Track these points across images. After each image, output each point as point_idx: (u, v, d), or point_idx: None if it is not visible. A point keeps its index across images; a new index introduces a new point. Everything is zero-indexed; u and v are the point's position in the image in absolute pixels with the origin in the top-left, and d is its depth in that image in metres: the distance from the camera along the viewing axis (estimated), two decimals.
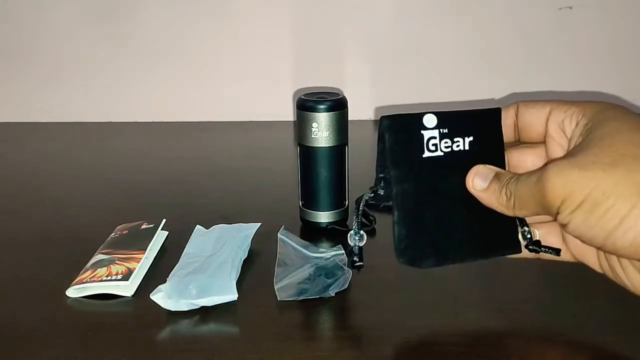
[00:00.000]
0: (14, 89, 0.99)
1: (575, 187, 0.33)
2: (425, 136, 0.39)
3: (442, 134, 0.39)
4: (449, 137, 0.39)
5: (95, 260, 0.50)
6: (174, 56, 0.97)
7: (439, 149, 0.39)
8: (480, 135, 0.40)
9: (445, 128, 0.39)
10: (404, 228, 0.39)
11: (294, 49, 0.96)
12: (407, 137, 0.39)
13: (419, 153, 0.39)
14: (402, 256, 0.39)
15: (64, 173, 0.79)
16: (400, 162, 0.39)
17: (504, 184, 0.38)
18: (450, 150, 0.39)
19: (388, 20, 0.95)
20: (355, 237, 0.42)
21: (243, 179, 0.74)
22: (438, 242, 0.40)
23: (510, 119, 0.41)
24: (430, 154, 0.39)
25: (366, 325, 0.44)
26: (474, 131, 0.40)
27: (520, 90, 0.96)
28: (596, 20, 0.94)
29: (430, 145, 0.39)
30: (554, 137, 0.39)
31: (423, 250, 0.40)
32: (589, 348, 0.41)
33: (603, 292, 0.43)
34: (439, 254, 0.40)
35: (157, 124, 0.98)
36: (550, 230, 0.41)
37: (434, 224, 0.40)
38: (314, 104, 0.55)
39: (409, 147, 0.39)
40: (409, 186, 0.39)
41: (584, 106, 0.37)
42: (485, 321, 0.43)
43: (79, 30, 0.96)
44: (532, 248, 0.40)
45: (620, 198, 0.32)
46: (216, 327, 0.43)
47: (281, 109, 0.97)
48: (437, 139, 0.39)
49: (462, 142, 0.40)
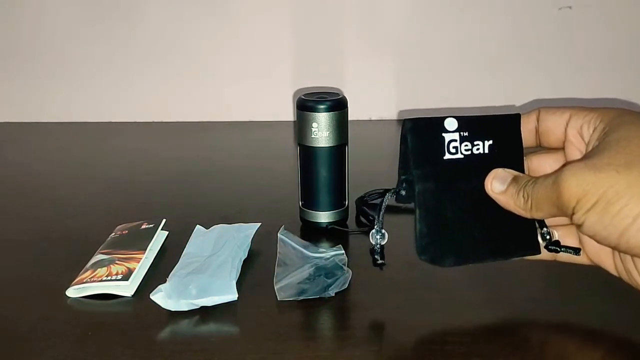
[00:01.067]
0: (14, 89, 0.99)
1: (590, 188, 0.34)
2: (447, 139, 0.40)
3: (463, 137, 0.40)
4: (469, 140, 0.40)
5: (95, 260, 0.50)
6: (174, 56, 0.97)
7: (459, 152, 0.40)
8: (499, 140, 0.41)
9: (465, 131, 0.40)
10: (425, 226, 0.40)
11: (294, 49, 0.96)
12: (429, 139, 0.40)
13: (441, 155, 0.40)
14: (423, 254, 0.40)
15: (64, 173, 0.79)
16: (422, 162, 0.40)
17: (521, 186, 0.39)
18: (470, 153, 0.40)
19: (388, 20, 0.95)
20: (377, 235, 0.43)
21: (243, 179, 0.74)
22: (458, 241, 0.41)
23: (531, 124, 0.42)
24: (450, 156, 0.40)
25: (366, 325, 0.43)
26: (494, 135, 0.41)
27: (518, 90, 0.96)
28: (596, 21, 0.94)
29: (451, 148, 0.40)
30: (573, 142, 0.40)
31: (444, 249, 0.41)
32: (591, 345, 0.41)
33: (608, 291, 0.44)
34: (459, 253, 0.41)
35: (157, 124, 0.98)
36: (567, 233, 0.42)
37: (455, 224, 0.41)
38: (314, 104, 0.55)
39: (431, 149, 0.40)
40: (431, 185, 0.40)
41: (601, 112, 0.38)
42: (486, 321, 0.44)
43: (79, 30, 0.96)
44: (552, 248, 0.41)
45: (634, 198, 0.33)
46: (216, 327, 0.43)
47: (281, 109, 0.97)
48: (458, 141, 0.40)
49: (482, 145, 0.41)
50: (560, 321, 0.43)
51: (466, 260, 0.41)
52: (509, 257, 0.42)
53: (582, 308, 0.44)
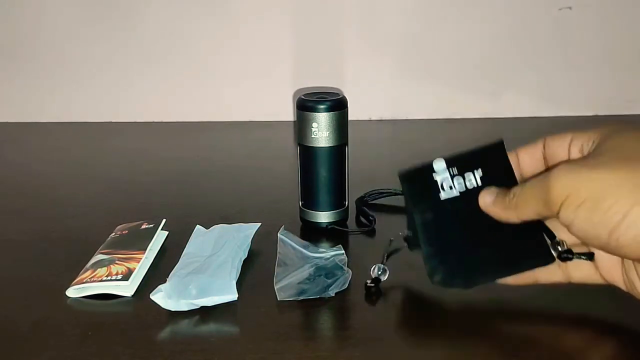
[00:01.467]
0: (14, 89, 0.99)
1: (580, 184, 0.35)
2: (439, 180, 0.43)
3: (453, 174, 0.43)
4: (460, 174, 0.43)
5: (95, 260, 0.50)
6: (174, 56, 0.97)
7: (454, 189, 0.43)
8: (489, 168, 0.43)
9: (454, 167, 0.43)
10: (430, 250, 0.43)
11: (294, 49, 0.96)
12: (421, 184, 0.43)
13: (436, 195, 0.43)
14: (434, 275, 0.43)
15: (64, 173, 0.79)
16: (419, 202, 0.43)
17: (510, 192, 0.40)
18: (465, 190, 0.43)
19: (388, 20, 0.95)
20: (378, 272, 0.47)
21: (243, 179, 0.74)
22: (466, 263, 0.43)
23: (539, 151, 0.43)
24: (447, 195, 0.43)
25: (366, 325, 0.43)
26: (482, 165, 0.43)
27: (519, 90, 0.96)
28: (596, 21, 0.94)
29: (445, 187, 0.43)
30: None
31: (452, 270, 0.43)
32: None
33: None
34: (468, 274, 0.43)
35: (157, 124, 0.98)
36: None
37: (460, 246, 0.43)
38: (314, 104, 0.55)
39: (426, 191, 0.43)
40: (431, 216, 0.43)
41: (600, 128, 0.39)
42: (487, 320, 0.44)
43: (79, 30, 0.96)
44: (565, 256, 0.41)
45: (622, 197, 0.34)
46: (216, 327, 0.43)
47: (281, 109, 0.97)
48: (449, 179, 0.43)
49: (473, 177, 0.43)
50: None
51: (477, 281, 0.43)
52: (521, 270, 0.42)
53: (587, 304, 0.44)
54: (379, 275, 0.47)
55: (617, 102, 0.96)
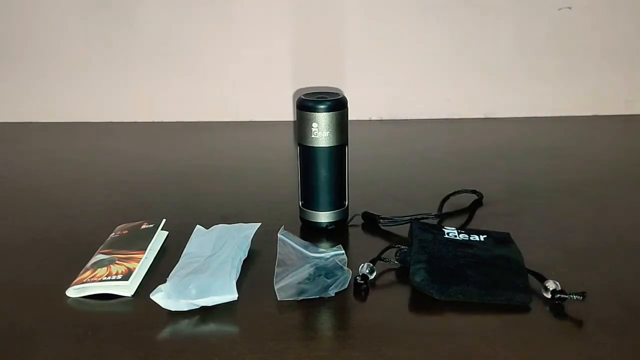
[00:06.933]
0: (14, 89, 0.99)
1: None
2: (446, 230, 0.53)
3: (460, 233, 0.53)
4: (466, 234, 0.53)
5: (95, 260, 0.50)
6: (174, 56, 0.97)
7: (457, 237, 0.52)
8: (492, 237, 0.53)
9: (463, 232, 0.53)
10: (419, 255, 0.48)
11: (294, 49, 0.96)
12: (430, 228, 0.53)
13: (441, 233, 0.52)
14: (414, 276, 0.46)
15: (64, 173, 0.79)
16: (423, 231, 0.52)
17: None
18: (468, 239, 0.52)
19: (388, 20, 0.95)
20: (366, 270, 0.48)
21: (243, 179, 0.74)
22: (449, 275, 0.46)
23: None
24: (449, 237, 0.52)
25: (366, 325, 0.43)
26: (487, 233, 0.53)
27: (518, 90, 0.96)
28: (596, 21, 0.94)
29: (450, 235, 0.52)
30: None
31: (433, 277, 0.46)
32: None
33: None
34: (446, 286, 0.46)
35: (157, 124, 0.98)
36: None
37: (447, 262, 0.48)
38: (314, 104, 0.55)
39: (432, 230, 0.52)
40: (430, 236, 0.51)
41: None
42: (486, 319, 0.44)
43: (79, 31, 0.96)
44: (559, 297, 0.44)
45: None
46: (216, 327, 0.43)
47: (281, 109, 0.97)
48: (456, 233, 0.53)
49: (477, 237, 0.53)
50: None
51: (452, 294, 0.46)
52: (498, 300, 0.45)
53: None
54: (367, 273, 0.47)
55: (616, 102, 0.96)
